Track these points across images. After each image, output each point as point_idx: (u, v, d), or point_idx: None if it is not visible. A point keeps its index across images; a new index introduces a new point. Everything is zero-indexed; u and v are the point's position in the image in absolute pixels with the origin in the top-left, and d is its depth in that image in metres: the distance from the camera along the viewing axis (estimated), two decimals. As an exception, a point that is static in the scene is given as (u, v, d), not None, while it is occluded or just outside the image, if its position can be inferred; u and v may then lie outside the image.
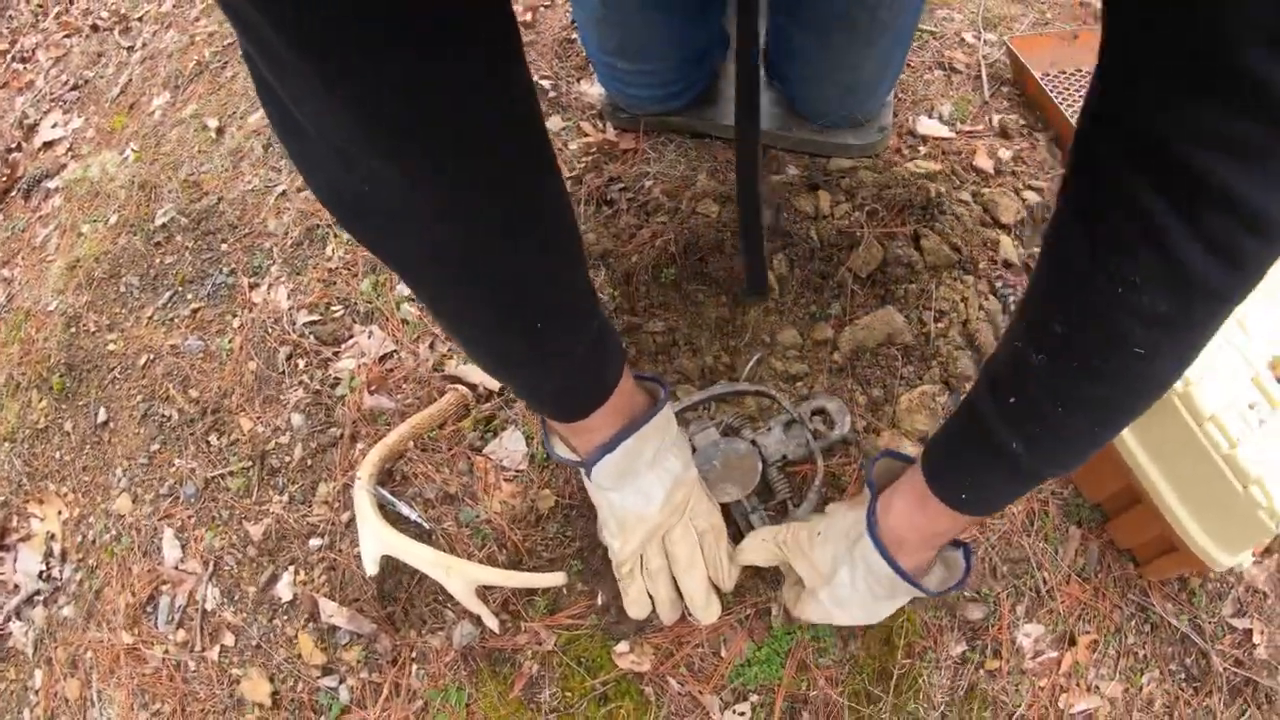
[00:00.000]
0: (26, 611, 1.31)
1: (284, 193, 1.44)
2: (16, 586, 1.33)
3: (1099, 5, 0.47)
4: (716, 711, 0.98)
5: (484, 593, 1.04)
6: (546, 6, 1.64)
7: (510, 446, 1.12)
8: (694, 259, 1.16)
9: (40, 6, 2.34)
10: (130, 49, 2.05)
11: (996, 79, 1.40)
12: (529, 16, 1.59)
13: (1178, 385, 0.81)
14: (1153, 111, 0.44)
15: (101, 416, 1.38)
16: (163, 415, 1.32)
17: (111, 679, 1.18)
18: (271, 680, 1.10)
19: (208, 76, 1.80)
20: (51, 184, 1.80)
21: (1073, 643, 1.03)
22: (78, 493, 1.35)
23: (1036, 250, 1.26)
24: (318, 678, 1.09)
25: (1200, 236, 0.44)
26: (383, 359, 1.20)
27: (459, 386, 1.14)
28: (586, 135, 1.37)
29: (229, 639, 1.14)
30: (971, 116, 1.34)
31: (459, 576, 1.02)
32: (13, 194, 1.84)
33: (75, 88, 2.03)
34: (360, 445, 1.16)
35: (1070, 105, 1.48)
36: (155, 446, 1.30)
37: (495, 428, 1.13)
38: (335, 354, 1.23)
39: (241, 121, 1.63)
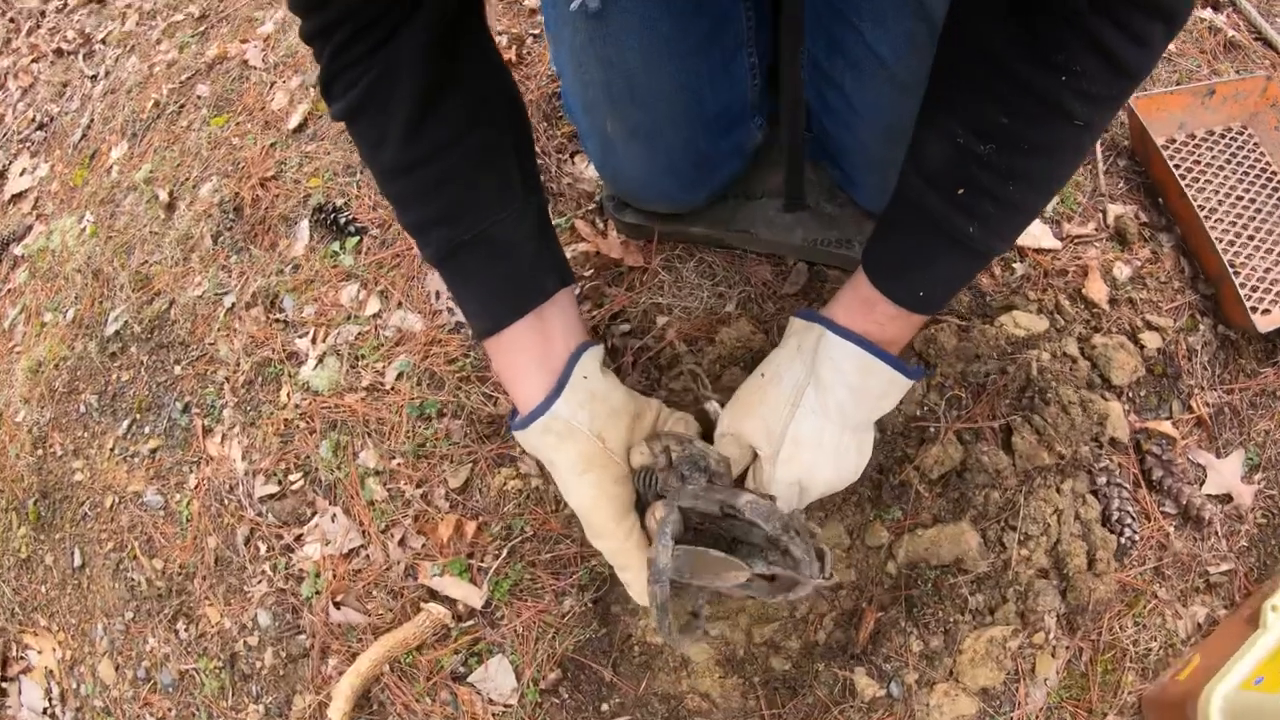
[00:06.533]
0: (31, 762, 1.11)
1: (233, 307, 1.08)
2: (22, 727, 1.13)
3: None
4: None
5: None
6: (535, 38, 1.17)
7: (498, 678, 0.82)
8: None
9: (12, 23, 1.88)
10: (94, 78, 1.62)
11: (1113, 148, 0.93)
12: (512, 54, 1.14)
13: None
14: None
15: (78, 559, 1.12)
16: (132, 579, 1.04)
17: None
18: None
19: (163, 124, 1.39)
20: (19, 250, 1.45)
21: None
22: (67, 633, 1.12)
23: (1149, 419, 0.87)
24: None
25: (1122, 27, 0.44)
26: (349, 554, 0.89)
27: (435, 607, 0.83)
28: (583, 240, 0.96)
29: None
30: (1082, 210, 0.90)
31: None
32: (-16, 256, 1.50)
33: (41, 126, 1.63)
34: (332, 661, 0.87)
35: (1199, 185, 1.01)
36: (129, 614, 1.03)
37: (480, 652, 0.83)
38: (297, 539, 0.92)
39: (193, 193, 1.24)
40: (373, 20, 0.51)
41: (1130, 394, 0.84)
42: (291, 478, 0.94)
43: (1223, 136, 1.07)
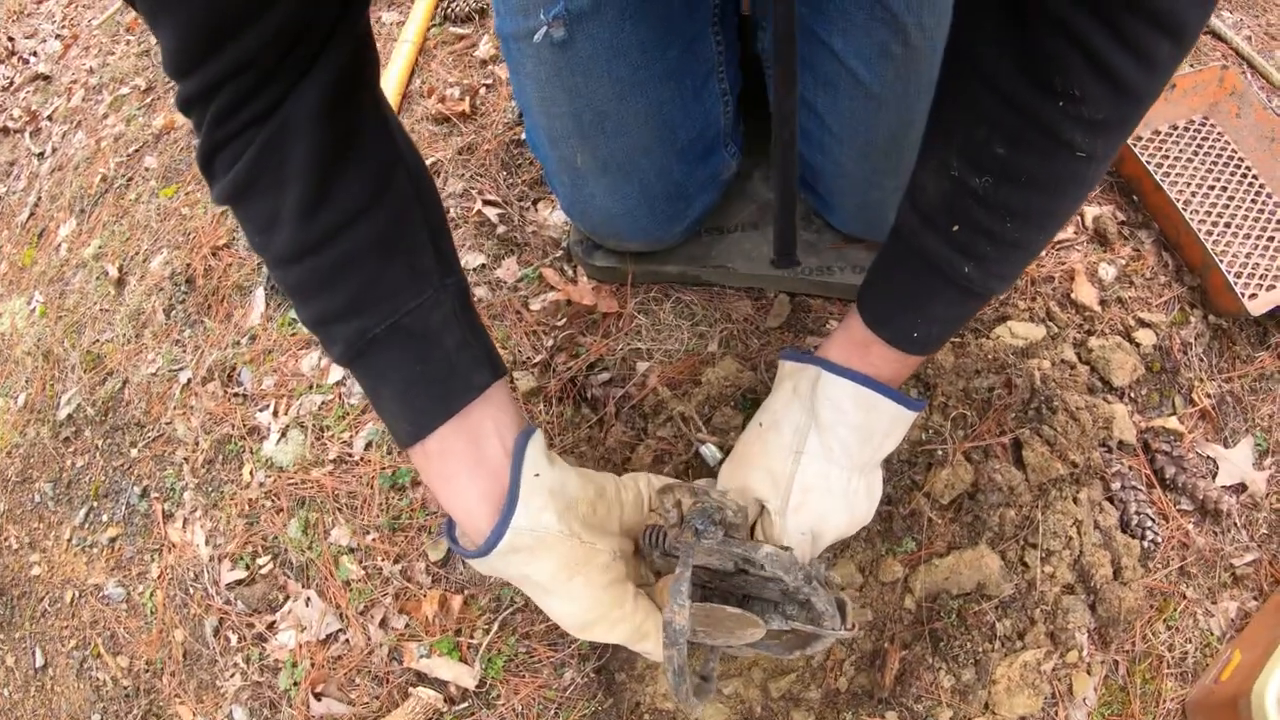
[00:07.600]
0: None
1: (189, 383, 1.00)
2: None
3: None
4: None
5: None
6: (488, 88, 1.12)
7: (500, 765, 0.74)
8: (713, 501, 0.72)
9: (-40, 101, 1.81)
10: (41, 155, 1.55)
11: (1080, 149, 0.91)
12: (466, 105, 1.09)
13: None
14: None
15: (39, 660, 1.02)
16: (97, 679, 0.94)
17: None
18: None
19: (111, 198, 1.32)
20: (-34, 337, 1.36)
21: None
22: (30, 744, 1.01)
23: (1154, 417, 0.82)
24: None
25: (1125, 44, 0.40)
26: (326, 640, 0.80)
27: (424, 691, 0.75)
28: (553, 289, 0.90)
29: None
30: (1056, 215, 0.86)
31: None
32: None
33: (-13, 206, 1.55)
34: (315, 759, 0.78)
35: (1171, 178, 0.99)
36: (96, 717, 0.93)
37: (478, 737, 0.75)
38: (270, 627, 0.83)
39: (143, 267, 1.16)
40: (264, 78, 0.42)
41: (1132, 394, 0.80)
42: (260, 561, 0.86)
43: (1187, 129, 1.05)
